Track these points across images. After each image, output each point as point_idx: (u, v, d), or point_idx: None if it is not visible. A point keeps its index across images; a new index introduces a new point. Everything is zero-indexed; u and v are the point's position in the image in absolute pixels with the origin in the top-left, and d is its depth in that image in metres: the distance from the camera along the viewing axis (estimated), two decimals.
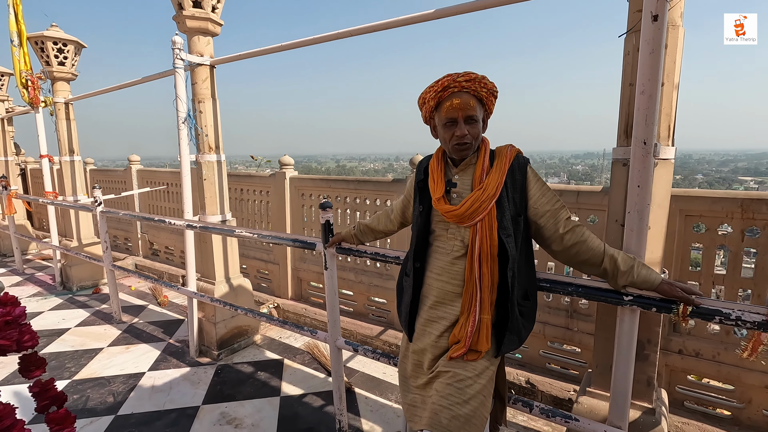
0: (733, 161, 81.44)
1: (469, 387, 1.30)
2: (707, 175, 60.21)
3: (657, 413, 1.62)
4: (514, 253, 1.32)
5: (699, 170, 66.07)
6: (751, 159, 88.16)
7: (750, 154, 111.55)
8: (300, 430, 2.37)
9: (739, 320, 1.21)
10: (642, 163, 1.36)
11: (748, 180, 55.99)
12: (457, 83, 1.29)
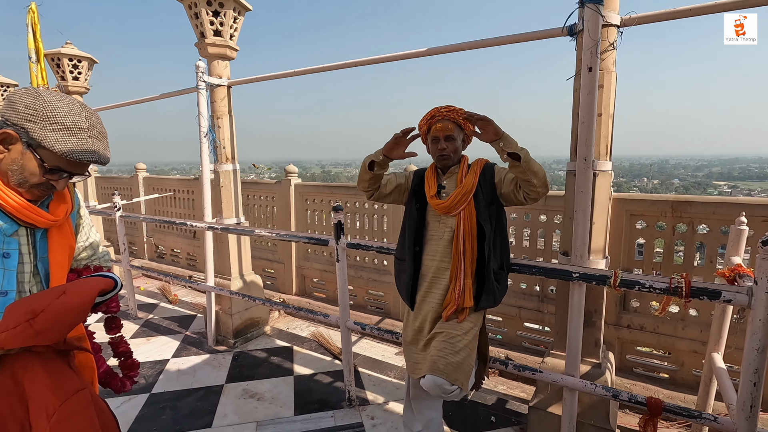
0: (707, 166, 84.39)
1: (459, 342, 1.74)
2: (683, 179, 62.31)
3: (603, 367, 2.09)
4: (489, 232, 1.76)
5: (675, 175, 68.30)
6: (725, 164, 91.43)
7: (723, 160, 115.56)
8: (313, 401, 2.78)
9: (651, 288, 1.68)
10: (584, 174, 1.83)
11: (722, 184, 58.19)
12: (440, 113, 1.76)
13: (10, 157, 1.00)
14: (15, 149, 0.99)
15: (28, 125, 0.97)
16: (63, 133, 0.99)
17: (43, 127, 0.97)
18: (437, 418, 2.00)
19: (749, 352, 1.53)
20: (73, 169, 1.06)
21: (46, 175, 1.02)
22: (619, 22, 1.92)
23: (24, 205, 1.03)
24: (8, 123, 0.98)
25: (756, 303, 1.49)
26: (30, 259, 1.08)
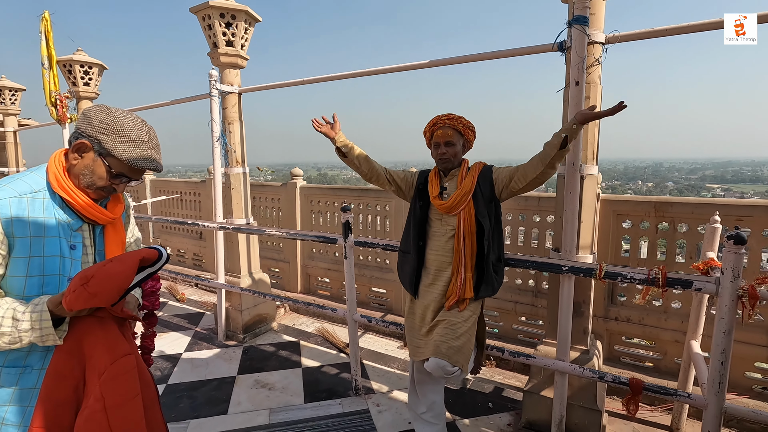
0: (701, 169, 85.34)
1: (460, 328, 1.92)
2: (677, 182, 62.96)
3: (590, 353, 2.28)
4: (488, 228, 1.94)
5: (670, 178, 69.00)
6: (718, 167, 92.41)
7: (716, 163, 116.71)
8: (322, 390, 2.95)
9: (632, 278, 1.88)
10: (572, 177, 2.03)
11: (715, 187, 58.85)
12: (441, 120, 1.95)
13: (82, 163, 1.17)
14: (87, 157, 1.17)
15: (101, 137, 1.14)
16: (129, 145, 1.16)
17: (113, 139, 1.15)
18: (440, 401, 2.18)
19: (717, 335, 1.73)
20: (133, 175, 1.23)
21: (111, 180, 1.19)
22: (604, 39, 2.13)
23: (90, 204, 1.20)
24: (83, 134, 1.16)
25: (722, 291, 1.69)
26: (91, 251, 1.25)
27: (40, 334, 1.06)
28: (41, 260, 1.13)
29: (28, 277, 1.11)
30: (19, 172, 5.71)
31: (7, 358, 1.13)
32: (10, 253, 1.09)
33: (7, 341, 1.05)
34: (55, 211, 1.17)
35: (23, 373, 1.13)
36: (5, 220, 1.07)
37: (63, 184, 1.17)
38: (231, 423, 2.60)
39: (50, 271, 1.15)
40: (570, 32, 2.02)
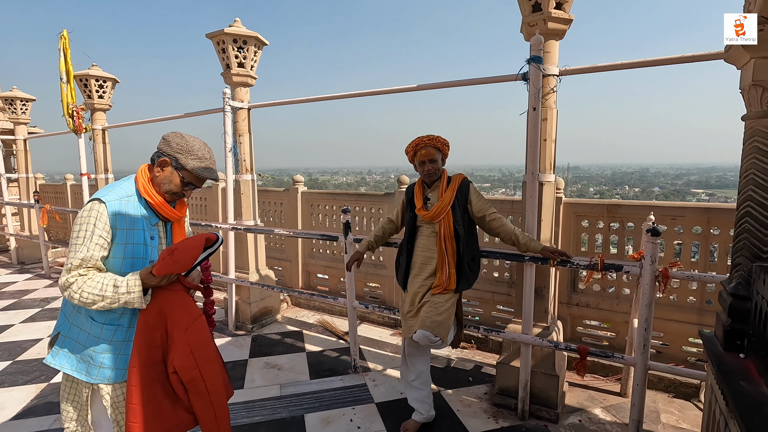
0: (686, 175, 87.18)
1: (441, 306, 2.37)
2: (663, 187, 64.31)
3: (550, 329, 2.75)
4: (463, 235, 2.41)
5: (656, 183, 70.42)
6: (702, 173, 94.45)
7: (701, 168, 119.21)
8: (325, 369, 3.38)
9: (578, 265, 2.36)
10: (532, 184, 2.51)
11: (700, 192, 60.29)
12: (423, 141, 2.40)
13: (163, 174, 1.60)
14: (167, 170, 1.59)
15: (177, 155, 1.57)
16: (197, 161, 1.60)
17: (186, 157, 1.58)
18: (426, 371, 2.63)
19: (642, 307, 2.21)
20: (198, 183, 1.66)
21: (183, 187, 1.62)
22: (558, 72, 2.62)
23: (166, 205, 1.63)
24: (164, 153, 1.59)
25: (644, 272, 2.18)
26: (164, 242, 1.68)
27: (132, 297, 1.48)
28: (132, 247, 1.56)
29: (124, 258, 1.54)
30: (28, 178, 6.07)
31: (106, 318, 1.56)
32: (112, 241, 1.53)
33: (108, 302, 1.47)
34: (141, 210, 1.60)
35: (117, 329, 1.56)
36: (111, 216, 1.51)
37: (148, 191, 1.59)
38: (248, 395, 3.01)
39: (137, 255, 1.58)
40: (529, 68, 2.51)
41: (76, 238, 1.47)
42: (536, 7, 2.57)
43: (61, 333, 1.58)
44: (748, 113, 1.72)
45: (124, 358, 1.55)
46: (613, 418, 2.69)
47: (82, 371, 1.53)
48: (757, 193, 1.70)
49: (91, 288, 1.41)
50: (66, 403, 1.62)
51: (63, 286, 1.43)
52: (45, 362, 1.57)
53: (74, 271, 1.43)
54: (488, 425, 2.64)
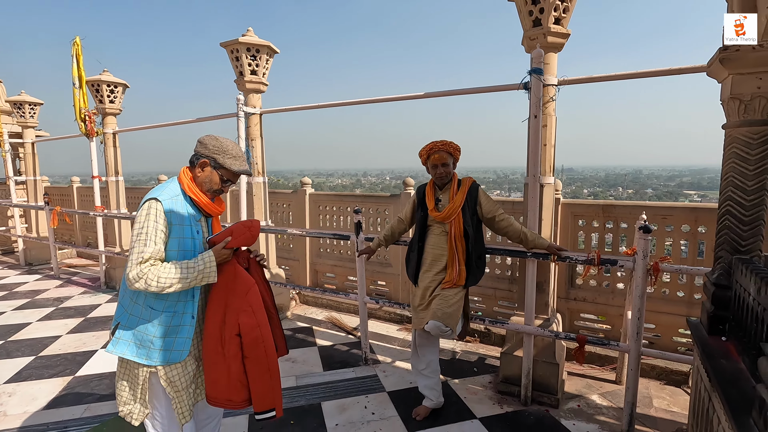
0: (678, 176, 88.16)
1: (451, 299, 2.57)
2: (656, 189, 65.04)
3: (550, 321, 2.95)
4: (472, 235, 2.61)
5: (649, 185, 71.16)
6: (695, 174, 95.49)
7: (693, 170, 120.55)
8: (337, 362, 3.57)
9: (576, 260, 2.56)
10: (533, 185, 2.72)
11: (692, 194, 61.04)
12: (436, 146, 2.60)
13: (204, 174, 1.78)
14: (207, 170, 1.78)
15: (215, 156, 1.75)
16: (233, 160, 1.78)
17: (223, 157, 1.76)
18: (435, 360, 2.82)
19: (634, 298, 2.42)
20: (234, 179, 1.84)
21: (222, 184, 1.81)
22: (556, 82, 2.83)
23: (209, 202, 1.82)
24: (203, 155, 1.76)
25: (637, 266, 2.39)
26: (206, 235, 1.87)
27: (210, 272, 1.69)
28: (183, 240, 1.74)
29: (178, 251, 1.72)
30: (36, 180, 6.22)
31: (164, 306, 1.73)
32: (168, 235, 1.71)
33: (187, 282, 1.66)
34: (188, 208, 1.78)
35: (173, 316, 1.74)
36: (167, 213, 1.69)
37: (193, 190, 1.78)
38: None
39: (186, 248, 1.75)
40: (530, 78, 2.72)
41: (139, 234, 1.64)
42: (536, 22, 2.78)
43: (121, 323, 1.76)
44: (728, 122, 1.93)
45: (181, 340, 1.73)
46: (609, 403, 2.89)
47: (142, 356, 1.70)
48: (736, 194, 1.91)
49: (167, 274, 1.61)
50: (122, 387, 1.80)
51: (136, 278, 1.59)
52: (107, 351, 1.75)
53: (145, 263, 1.60)
54: (494, 410, 2.84)
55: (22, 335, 4.22)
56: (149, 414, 1.82)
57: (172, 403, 1.77)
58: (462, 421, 2.72)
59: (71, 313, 4.86)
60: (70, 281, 6.30)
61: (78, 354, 3.77)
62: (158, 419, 1.83)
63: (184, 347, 1.75)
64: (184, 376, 1.78)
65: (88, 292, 5.75)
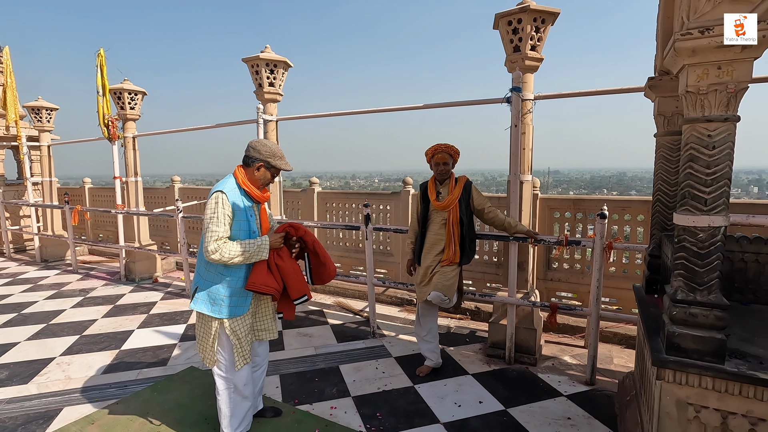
0: None
1: (449, 274, 3.15)
2: (640, 191, 66.72)
3: (530, 294, 3.56)
4: (466, 222, 3.20)
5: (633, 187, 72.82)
6: None
7: None
8: (348, 336, 4.13)
9: (548, 242, 3.18)
10: (514, 183, 3.33)
11: None
12: (440, 148, 3.18)
13: (260, 173, 2.33)
14: (262, 170, 2.32)
15: (269, 159, 2.30)
16: (280, 160, 2.32)
17: (275, 159, 2.31)
18: (435, 327, 3.40)
19: (594, 271, 3.04)
20: (278, 175, 2.42)
21: (272, 179, 2.37)
22: (533, 97, 3.44)
23: (260, 194, 2.36)
24: (258, 159, 2.30)
25: (595, 246, 3.01)
26: (257, 220, 2.42)
27: (264, 249, 2.25)
28: (242, 222, 2.29)
29: (240, 230, 2.27)
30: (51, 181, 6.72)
31: (231, 271, 2.28)
32: (233, 218, 2.26)
33: (248, 255, 2.20)
34: (243, 198, 2.31)
35: (238, 279, 2.29)
36: (231, 202, 2.24)
37: (247, 184, 2.30)
38: (290, 354, 3.73)
39: (245, 229, 2.29)
40: (512, 94, 3.33)
41: (212, 217, 2.20)
42: (516, 49, 3.39)
43: (199, 287, 2.31)
44: (657, 132, 2.56)
45: (243, 299, 2.29)
46: (578, 362, 3.51)
47: (215, 311, 2.25)
48: (664, 186, 2.54)
49: (234, 249, 2.17)
50: (200, 337, 2.35)
51: (213, 251, 2.15)
52: (190, 307, 2.30)
53: (219, 240, 2.17)
54: (483, 368, 3.43)
55: (61, 319, 4.69)
56: (216, 360, 2.37)
57: (234, 349, 2.32)
58: (458, 377, 3.31)
59: (100, 302, 5.33)
60: (89, 275, 6.73)
61: (118, 333, 4.27)
62: (222, 362, 2.37)
63: (245, 304, 2.31)
64: (243, 327, 2.34)
65: (109, 284, 6.20)
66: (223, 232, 2.17)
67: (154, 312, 4.89)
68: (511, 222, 3.22)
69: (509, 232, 3.27)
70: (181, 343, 3.98)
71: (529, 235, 3.22)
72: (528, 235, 3.22)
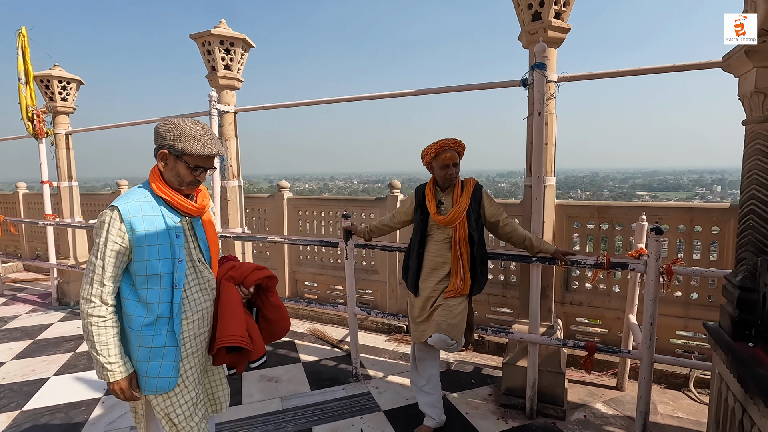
0: (631, 178, 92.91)
1: (455, 309, 2.38)
2: (611, 190, 68.25)
3: (554, 328, 2.83)
4: (477, 239, 2.43)
5: (605, 186, 74.57)
6: (646, 176, 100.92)
7: (644, 172, 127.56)
8: (325, 379, 3.30)
9: (585, 264, 2.44)
10: (537, 187, 2.58)
11: (644, 194, 64.47)
12: (447, 144, 2.40)
13: (169, 168, 1.48)
14: (170, 162, 1.47)
15: (172, 142, 1.43)
16: (192, 141, 1.44)
17: (181, 140, 1.43)
18: (436, 375, 2.62)
19: (647, 303, 2.31)
20: (206, 164, 1.50)
21: (193, 173, 1.49)
22: (557, 79, 2.72)
23: (183, 200, 1.51)
24: (160, 146, 1.46)
25: (649, 269, 2.29)
26: (192, 238, 1.57)
27: (107, 372, 1.45)
28: (157, 247, 1.46)
29: (147, 261, 1.45)
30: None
31: (141, 322, 1.45)
32: (133, 243, 1.42)
33: (93, 353, 1.43)
34: (161, 210, 1.49)
35: (155, 336, 1.46)
36: (127, 220, 1.41)
37: (160, 187, 1.49)
38: (248, 411, 2.88)
39: (164, 255, 1.48)
40: (532, 74, 2.59)
41: (93, 259, 1.42)
42: (536, 16, 2.66)
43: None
44: (750, 118, 1.84)
45: (168, 365, 1.46)
46: (615, 412, 2.79)
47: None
48: (760, 192, 1.83)
49: (91, 330, 1.41)
50: (133, 417, 1.65)
51: (82, 311, 1.42)
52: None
53: (93, 302, 1.41)
54: (498, 426, 2.66)
55: None
56: None
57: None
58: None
59: (17, 335, 4.32)
60: (15, 298, 5.66)
61: (26, 383, 3.31)
62: None
63: (172, 373, 1.49)
64: (181, 406, 1.53)
65: (37, 310, 5.17)
66: (102, 294, 1.41)
67: (81, 350, 3.93)
68: (533, 239, 2.47)
69: (532, 251, 2.52)
70: (106, 397, 3.06)
71: (557, 257, 2.47)
72: (556, 256, 2.48)
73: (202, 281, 1.60)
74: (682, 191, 72.53)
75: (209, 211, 1.69)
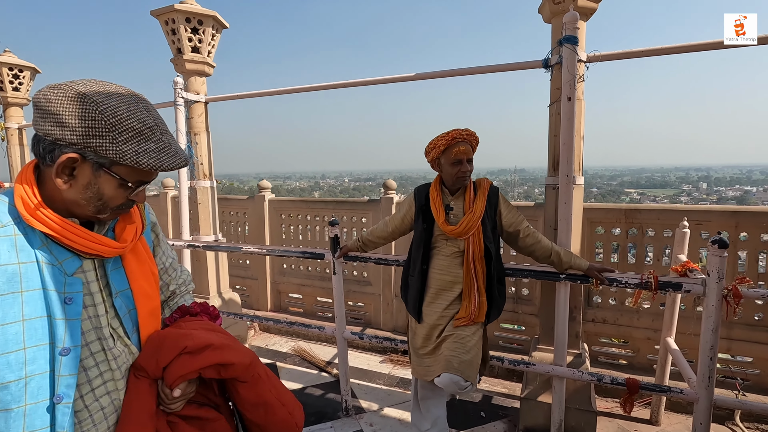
0: (619, 176, 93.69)
1: (469, 342, 1.91)
2: (600, 188, 68.74)
3: (582, 356, 2.38)
4: (494, 254, 1.97)
5: (594, 184, 75.03)
6: (633, 174, 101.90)
7: (632, 170, 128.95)
8: (310, 414, 2.81)
9: (627, 283, 1.99)
10: (566, 188, 2.12)
11: (632, 192, 64.92)
12: (461, 135, 1.91)
13: (79, 185, 0.78)
14: (83, 175, 0.78)
15: (93, 142, 0.75)
16: (137, 141, 0.78)
17: (113, 139, 0.76)
18: (443, 416, 2.15)
19: (705, 333, 1.87)
20: (148, 178, 0.86)
21: (128, 194, 0.83)
22: (586, 58, 2.26)
23: (89, 237, 0.81)
24: (64, 144, 0.75)
25: (709, 291, 1.84)
26: (102, 298, 0.87)
27: None
28: (21, 324, 0.74)
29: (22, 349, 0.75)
30: None
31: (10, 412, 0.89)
32: None
33: None
34: (32, 251, 0.78)
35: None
36: None
37: (43, 216, 0.77)
38: None
39: (35, 340, 0.76)
40: (561, 51, 2.12)
41: None
42: None
43: None
44: None
45: None
46: None
47: None
48: None
49: None
50: None
51: None
52: None
53: None
54: None
55: None
56: None
57: None
58: None
59: None
60: None
61: None
62: None
63: None
64: None
65: None
66: None
67: None
68: (561, 253, 2.00)
69: (560, 267, 2.05)
70: None
71: (592, 275, 2.01)
72: (590, 274, 2.01)
73: (120, 373, 0.89)
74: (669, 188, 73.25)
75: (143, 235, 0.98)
